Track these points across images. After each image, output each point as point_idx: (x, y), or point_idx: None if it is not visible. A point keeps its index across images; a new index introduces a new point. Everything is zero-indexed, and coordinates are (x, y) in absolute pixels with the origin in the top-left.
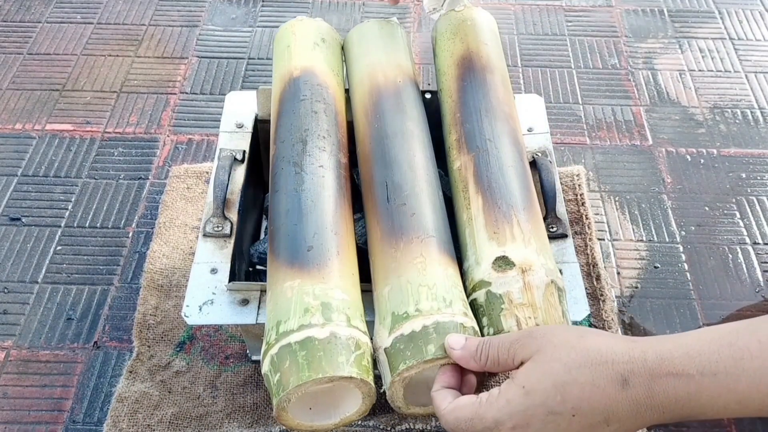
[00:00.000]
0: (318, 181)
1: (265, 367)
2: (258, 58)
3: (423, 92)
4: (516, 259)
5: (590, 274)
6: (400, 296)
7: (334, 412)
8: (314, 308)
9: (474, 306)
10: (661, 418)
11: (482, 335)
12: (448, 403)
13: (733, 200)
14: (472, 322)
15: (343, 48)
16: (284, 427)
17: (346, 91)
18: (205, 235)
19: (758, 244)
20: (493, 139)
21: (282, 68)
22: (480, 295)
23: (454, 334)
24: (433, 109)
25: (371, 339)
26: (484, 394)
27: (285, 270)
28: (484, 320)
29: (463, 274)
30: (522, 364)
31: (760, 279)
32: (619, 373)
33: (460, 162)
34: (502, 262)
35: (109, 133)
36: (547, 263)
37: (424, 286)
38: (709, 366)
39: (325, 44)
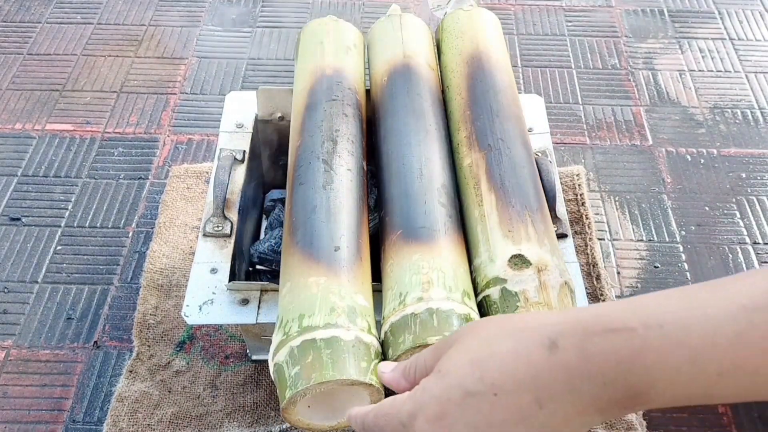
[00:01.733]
0: (346, 183)
1: (281, 358)
2: (258, 58)
3: None
4: (532, 258)
5: (590, 273)
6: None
7: (332, 415)
8: (340, 309)
9: (487, 302)
10: (604, 393)
11: None
12: (371, 407)
13: (733, 200)
14: (433, 303)
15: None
16: (284, 427)
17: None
18: (205, 235)
19: (758, 244)
20: (505, 139)
21: (312, 63)
22: (494, 292)
23: (384, 362)
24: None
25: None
26: (408, 391)
27: (309, 264)
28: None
29: (473, 270)
30: None
31: None
32: (546, 336)
33: (470, 159)
34: (519, 260)
35: (109, 133)
36: (560, 264)
37: (389, 290)
38: (655, 317)
39: (356, 50)
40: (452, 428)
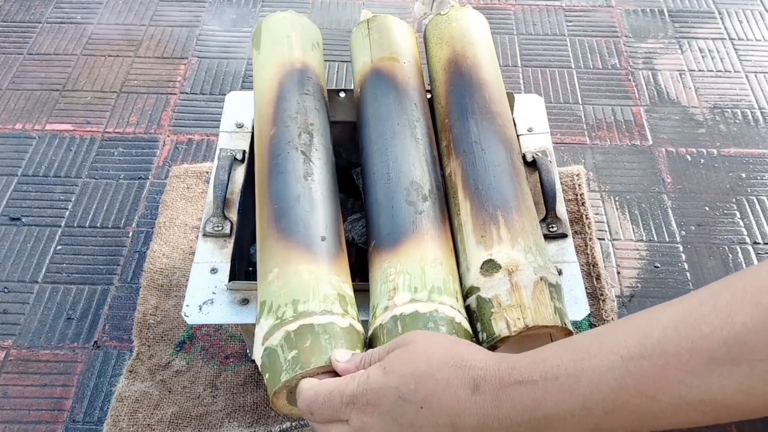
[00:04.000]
0: (325, 177)
1: (275, 342)
2: None
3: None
4: (502, 261)
5: (590, 273)
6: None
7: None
8: (332, 298)
9: (468, 311)
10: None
11: (477, 340)
12: (317, 384)
13: (733, 200)
14: (397, 309)
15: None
16: (284, 427)
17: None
18: (205, 235)
19: (758, 243)
20: (480, 141)
21: (281, 54)
22: (472, 301)
23: (340, 349)
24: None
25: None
26: (351, 374)
27: (298, 252)
28: (478, 325)
29: (460, 279)
30: None
31: None
32: (472, 378)
33: (450, 168)
34: (489, 266)
35: (109, 133)
36: (536, 260)
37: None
38: (551, 370)
39: (319, 49)
40: (382, 417)
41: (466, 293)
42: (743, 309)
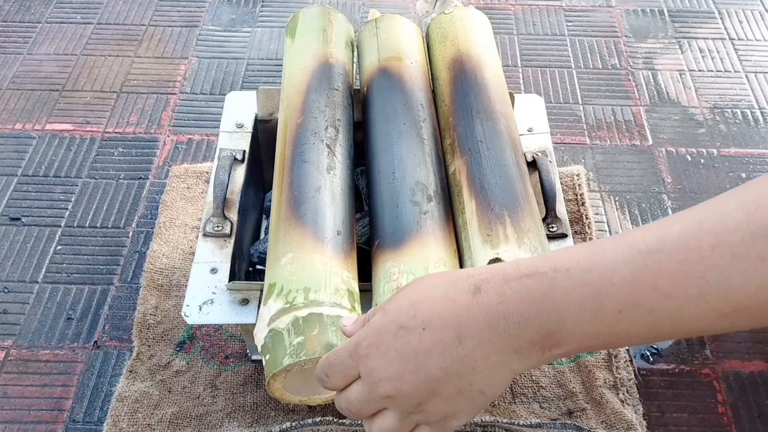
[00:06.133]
0: (346, 173)
1: (282, 324)
2: (258, 59)
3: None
4: (508, 260)
5: None
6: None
7: (302, 390)
8: (342, 291)
9: None
10: (519, 332)
11: None
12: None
13: None
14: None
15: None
16: (284, 427)
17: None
18: (205, 235)
19: None
20: (485, 140)
21: (315, 47)
22: None
23: (348, 315)
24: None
25: None
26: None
27: (314, 242)
28: None
29: None
30: None
31: None
32: (473, 284)
33: (454, 166)
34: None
35: (109, 133)
36: None
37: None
38: (562, 263)
39: (351, 48)
40: (385, 354)
41: None
42: None
